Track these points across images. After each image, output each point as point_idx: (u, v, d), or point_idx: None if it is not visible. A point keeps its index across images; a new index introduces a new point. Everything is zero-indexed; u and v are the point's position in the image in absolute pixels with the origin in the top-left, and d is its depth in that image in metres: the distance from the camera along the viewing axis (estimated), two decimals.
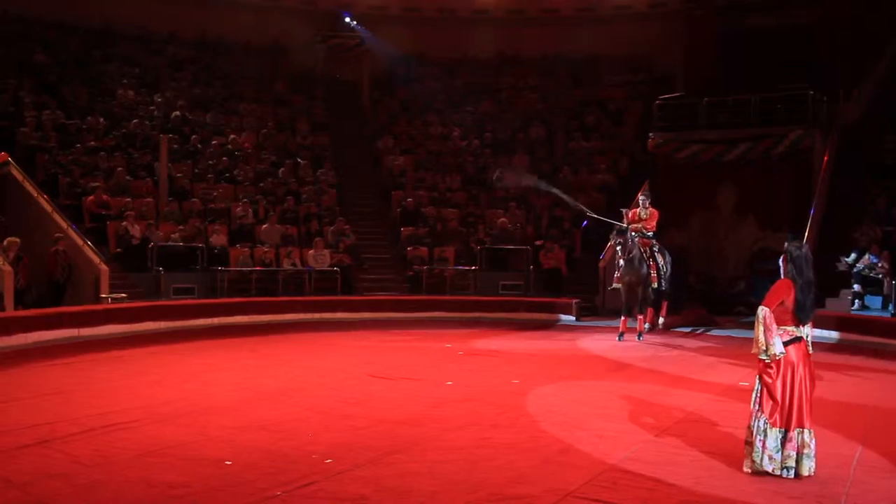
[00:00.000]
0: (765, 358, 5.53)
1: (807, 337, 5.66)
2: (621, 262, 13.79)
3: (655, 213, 14.50)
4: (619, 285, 13.96)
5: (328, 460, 5.93)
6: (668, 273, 14.58)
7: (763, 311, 5.54)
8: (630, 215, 14.39)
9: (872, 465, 6.01)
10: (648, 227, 14.33)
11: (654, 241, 14.50)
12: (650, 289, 14.20)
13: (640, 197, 14.83)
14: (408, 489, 5.27)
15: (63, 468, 5.64)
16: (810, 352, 5.70)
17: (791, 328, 5.59)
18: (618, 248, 13.76)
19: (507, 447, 6.37)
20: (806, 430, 5.54)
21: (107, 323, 13.41)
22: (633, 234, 13.99)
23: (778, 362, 5.53)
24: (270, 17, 24.73)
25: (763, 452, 5.55)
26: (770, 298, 5.60)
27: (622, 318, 13.95)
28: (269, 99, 23.61)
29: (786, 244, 5.77)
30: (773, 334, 5.51)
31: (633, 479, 5.52)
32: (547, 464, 5.93)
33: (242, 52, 24.68)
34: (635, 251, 13.85)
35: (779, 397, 5.53)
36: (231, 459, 5.91)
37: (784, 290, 5.59)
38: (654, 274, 14.16)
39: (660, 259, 14.42)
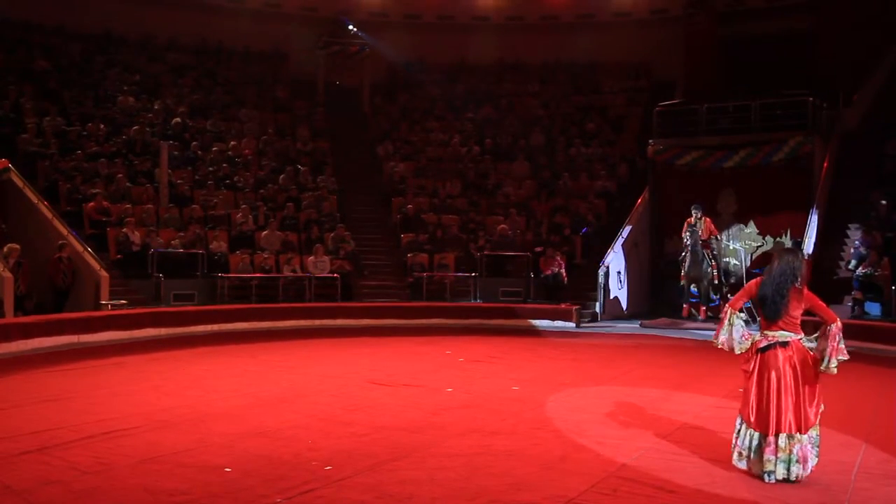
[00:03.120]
0: (718, 346, 5.87)
1: (811, 348, 5.67)
2: (686, 259, 16.48)
3: (709, 220, 16.80)
4: (685, 281, 16.71)
5: (328, 467, 5.92)
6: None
7: (726, 308, 5.88)
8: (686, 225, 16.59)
9: (874, 471, 6.00)
10: (712, 232, 16.76)
11: (713, 246, 16.87)
12: (712, 284, 16.71)
13: (693, 210, 16.56)
14: (408, 496, 5.26)
15: (63, 475, 5.62)
16: (825, 366, 5.61)
17: (776, 332, 5.61)
18: (687, 234, 16.39)
19: (508, 454, 6.35)
20: (781, 436, 5.53)
21: (107, 329, 13.39)
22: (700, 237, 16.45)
23: (754, 365, 5.61)
24: (271, 24, 24.80)
25: (735, 449, 5.74)
26: (735, 298, 5.90)
27: (685, 305, 16.94)
28: (270, 105, 23.64)
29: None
30: (720, 328, 5.84)
31: (633, 486, 5.51)
32: (547, 470, 5.92)
33: (243, 58, 24.77)
34: (699, 252, 16.36)
35: (753, 399, 5.66)
36: (231, 466, 5.89)
37: (750, 288, 5.79)
38: (715, 273, 16.70)
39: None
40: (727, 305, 5.90)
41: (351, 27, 24.73)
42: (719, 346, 5.88)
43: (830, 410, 7.82)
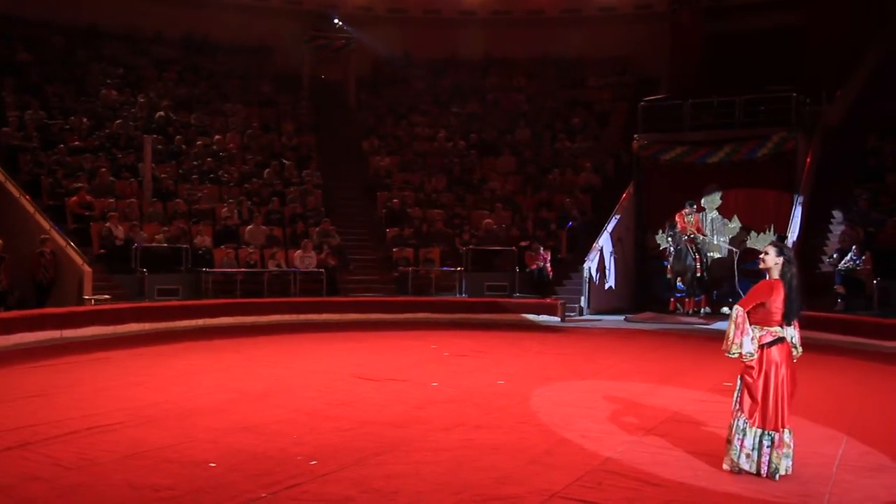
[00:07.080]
0: (733, 356, 5.58)
1: (791, 339, 5.68)
2: (671, 255, 17.36)
3: (696, 217, 17.52)
4: (671, 276, 17.41)
5: (313, 462, 5.91)
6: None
7: (737, 310, 5.60)
8: (677, 218, 17.28)
9: (854, 464, 6.05)
10: (697, 230, 17.40)
11: (698, 242, 17.36)
12: (696, 277, 17.20)
13: (687, 205, 17.26)
14: (393, 490, 5.26)
15: (45, 471, 5.58)
16: (797, 353, 5.72)
17: (775, 329, 5.60)
18: (668, 239, 17.47)
19: (493, 448, 6.37)
20: (786, 431, 5.58)
21: (90, 324, 13.29)
22: (681, 234, 17.12)
23: (760, 362, 5.55)
24: (256, 18, 24.66)
25: (741, 451, 5.59)
26: (747, 299, 5.65)
27: (671, 300, 17.55)
28: (255, 99, 23.54)
29: (769, 245, 5.74)
30: (742, 334, 5.54)
31: (618, 480, 5.54)
32: (532, 464, 5.93)
33: (228, 52, 24.62)
34: (682, 247, 17.04)
35: (759, 397, 5.55)
36: (216, 461, 5.87)
37: (765, 292, 5.58)
38: (698, 266, 17.12)
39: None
40: (740, 309, 5.57)
41: (336, 21, 24.65)
42: (739, 353, 5.54)
43: (814, 404, 7.92)
